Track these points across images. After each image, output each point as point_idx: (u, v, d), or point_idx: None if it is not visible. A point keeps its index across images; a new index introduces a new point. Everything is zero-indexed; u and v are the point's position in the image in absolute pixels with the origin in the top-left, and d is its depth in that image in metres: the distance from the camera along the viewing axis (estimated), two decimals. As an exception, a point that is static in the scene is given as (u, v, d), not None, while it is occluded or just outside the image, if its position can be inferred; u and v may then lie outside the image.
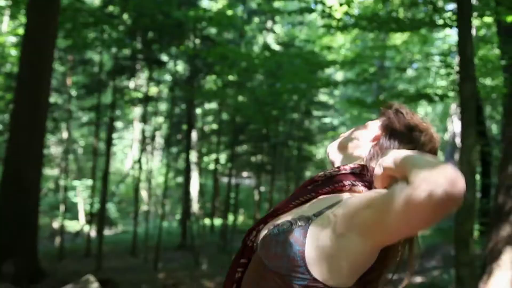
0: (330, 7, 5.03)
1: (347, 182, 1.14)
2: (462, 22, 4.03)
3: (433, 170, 0.86)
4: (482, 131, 8.92)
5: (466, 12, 4.00)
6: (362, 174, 1.16)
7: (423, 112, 21.53)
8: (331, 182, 1.15)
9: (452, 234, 4.55)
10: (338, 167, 1.19)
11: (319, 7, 5.16)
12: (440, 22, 5.36)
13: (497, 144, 12.13)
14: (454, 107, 16.74)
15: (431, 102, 5.53)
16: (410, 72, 19.47)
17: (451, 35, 14.92)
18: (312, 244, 0.99)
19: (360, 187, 1.13)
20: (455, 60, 11.72)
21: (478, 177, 13.51)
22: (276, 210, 1.15)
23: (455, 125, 16.94)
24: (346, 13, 5.16)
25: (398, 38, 16.43)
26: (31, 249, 7.37)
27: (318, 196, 1.14)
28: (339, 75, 20.09)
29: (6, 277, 6.61)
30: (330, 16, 4.90)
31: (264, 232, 1.08)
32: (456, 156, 16.92)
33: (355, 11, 11.84)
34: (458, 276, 4.05)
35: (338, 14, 5.54)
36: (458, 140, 16.88)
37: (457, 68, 5.80)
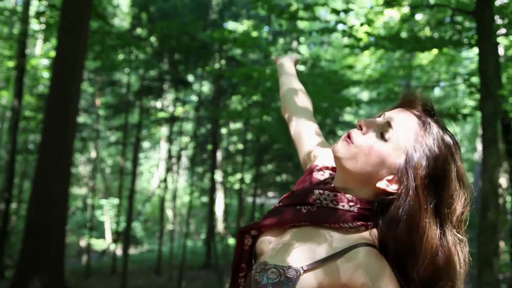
0: (351, 27, 5.07)
1: (348, 225, 1.03)
2: (482, 40, 4.01)
3: None
4: (510, 150, 8.73)
5: (486, 31, 3.97)
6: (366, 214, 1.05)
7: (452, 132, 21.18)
8: (329, 218, 1.05)
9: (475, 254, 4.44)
10: (338, 196, 1.06)
11: (341, 27, 5.20)
12: (464, 41, 5.34)
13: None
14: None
15: (454, 121, 5.47)
16: (437, 92, 19.26)
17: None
18: None
19: (364, 233, 1.03)
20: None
21: (509, 198, 13.17)
22: (267, 219, 1.13)
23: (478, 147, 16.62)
24: (367, 33, 5.19)
25: (424, 58, 16.32)
26: (58, 265, 7.48)
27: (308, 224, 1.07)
28: (365, 95, 20.01)
29: (33, 293, 6.72)
30: (350, 36, 4.94)
31: (256, 272, 1.03)
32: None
33: (381, 31, 11.88)
34: (481, 297, 3.95)
35: (361, 34, 5.57)
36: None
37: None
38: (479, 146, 18.34)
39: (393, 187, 1.03)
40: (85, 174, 19.23)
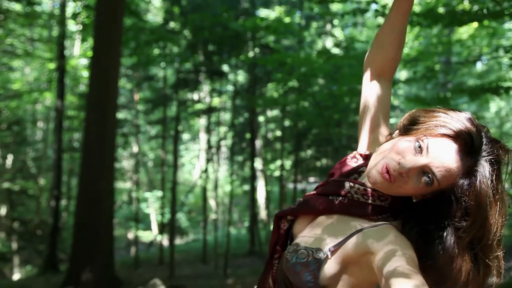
0: (384, 6, 4.96)
1: (377, 216, 1.09)
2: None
3: None
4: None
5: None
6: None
7: (496, 108, 20.47)
8: (360, 210, 1.10)
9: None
10: (367, 191, 1.11)
11: (373, 6, 5.09)
12: (505, 12, 5.12)
13: None
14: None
15: (497, 96, 5.27)
16: (479, 67, 18.61)
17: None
18: (324, 276, 1.04)
19: (392, 222, 1.08)
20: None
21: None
22: (303, 207, 1.21)
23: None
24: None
25: (464, 33, 15.78)
26: (108, 257, 7.76)
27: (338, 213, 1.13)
28: (403, 74, 19.55)
29: (85, 284, 7.00)
30: (383, 15, 4.84)
31: (288, 252, 1.13)
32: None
33: (417, 7, 11.54)
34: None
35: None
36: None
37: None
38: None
39: None
40: (129, 169, 19.72)
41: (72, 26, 14.09)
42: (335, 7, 13.59)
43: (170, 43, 12.29)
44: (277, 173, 18.28)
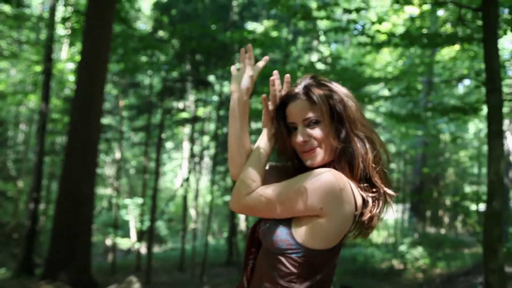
0: (363, 26, 5.16)
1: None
2: (488, 36, 4.07)
3: None
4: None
5: (492, 27, 4.04)
6: None
7: (474, 129, 20.93)
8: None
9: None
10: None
11: (353, 26, 5.29)
12: (475, 36, 5.35)
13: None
14: (507, 123, 16.17)
15: (465, 115, 5.53)
16: (461, 88, 19.03)
17: (506, 50, 14.50)
18: (296, 224, 1.32)
19: None
20: (510, 73, 11.47)
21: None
22: None
23: (509, 141, 16.31)
24: (378, 31, 5.28)
25: (445, 55, 16.17)
26: (85, 262, 7.76)
27: None
28: (387, 92, 19.89)
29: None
30: (363, 34, 5.03)
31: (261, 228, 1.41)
32: (511, 174, 16.26)
33: (401, 28, 11.83)
34: (487, 282, 4.03)
35: (375, 32, 5.65)
36: (512, 157, 16.25)
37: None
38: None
39: None
40: (110, 175, 19.66)
41: (61, 30, 14.11)
42: (323, 24, 13.86)
43: (158, 51, 12.41)
44: (258, 185, 18.35)
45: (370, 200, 1.34)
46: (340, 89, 1.44)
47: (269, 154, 1.50)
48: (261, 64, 1.55)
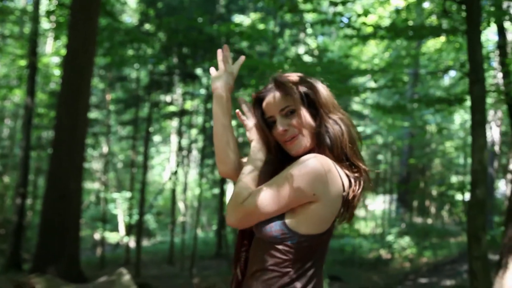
0: (349, 18, 5.21)
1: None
2: (471, 28, 4.14)
3: None
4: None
5: (475, 18, 4.11)
6: None
7: (460, 120, 21.16)
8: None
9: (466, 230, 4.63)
10: None
11: (339, 19, 5.33)
12: (460, 28, 5.42)
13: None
14: (492, 114, 16.38)
15: (450, 105, 5.64)
16: (446, 79, 19.21)
17: (490, 42, 14.66)
18: (289, 212, 1.36)
19: None
20: (495, 65, 11.61)
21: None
22: None
23: (493, 132, 16.54)
24: (364, 23, 5.33)
25: (431, 46, 16.28)
26: (74, 256, 7.76)
27: None
28: (374, 84, 20.01)
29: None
30: (349, 26, 5.08)
31: None
32: (495, 163, 16.53)
33: (388, 21, 11.88)
34: (471, 269, 4.13)
35: (360, 24, 5.69)
36: (497, 148, 16.50)
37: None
38: (488, 133, 18.26)
39: None
40: (98, 169, 19.56)
41: (45, 23, 13.96)
42: (309, 16, 13.87)
43: (144, 44, 12.34)
44: (247, 178, 18.40)
45: (352, 180, 1.39)
46: (307, 76, 1.51)
47: (261, 166, 1.49)
48: (240, 61, 1.63)
